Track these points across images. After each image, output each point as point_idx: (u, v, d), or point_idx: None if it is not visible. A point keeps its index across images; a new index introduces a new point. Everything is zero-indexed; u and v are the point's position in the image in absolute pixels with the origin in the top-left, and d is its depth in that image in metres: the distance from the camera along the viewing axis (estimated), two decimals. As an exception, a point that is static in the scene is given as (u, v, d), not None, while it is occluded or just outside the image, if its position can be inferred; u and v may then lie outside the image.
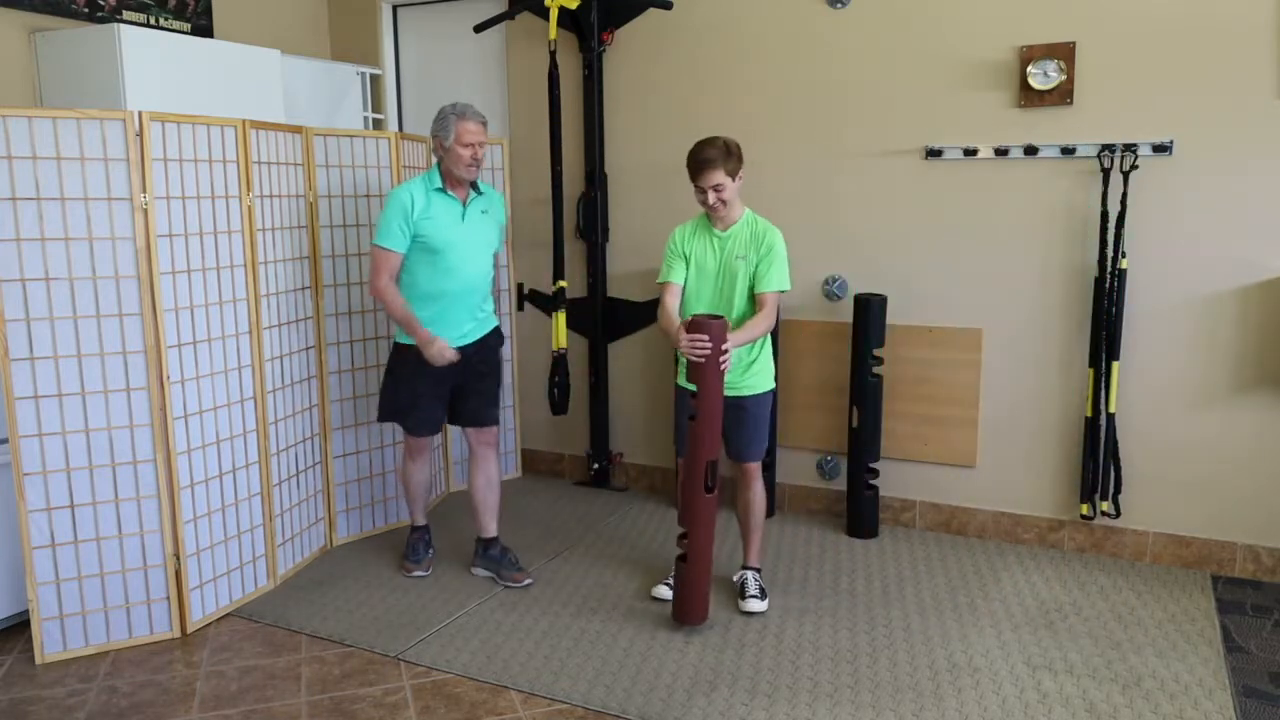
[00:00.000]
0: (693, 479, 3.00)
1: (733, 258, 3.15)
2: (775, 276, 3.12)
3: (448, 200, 3.35)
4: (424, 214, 3.29)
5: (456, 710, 2.72)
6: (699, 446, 2.98)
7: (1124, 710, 2.65)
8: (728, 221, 3.18)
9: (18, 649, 3.11)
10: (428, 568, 3.64)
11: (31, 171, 2.85)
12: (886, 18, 3.81)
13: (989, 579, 3.52)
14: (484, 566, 3.61)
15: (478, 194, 3.44)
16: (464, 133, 3.27)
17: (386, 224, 3.29)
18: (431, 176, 3.35)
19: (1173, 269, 3.50)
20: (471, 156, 3.30)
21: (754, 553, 3.39)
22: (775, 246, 3.13)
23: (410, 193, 3.30)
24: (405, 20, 4.98)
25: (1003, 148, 3.66)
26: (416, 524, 3.74)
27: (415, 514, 3.73)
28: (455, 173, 3.32)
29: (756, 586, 3.33)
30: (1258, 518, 3.49)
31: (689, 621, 3.13)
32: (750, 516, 3.34)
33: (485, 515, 3.60)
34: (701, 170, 3.07)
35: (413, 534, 3.73)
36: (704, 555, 3.05)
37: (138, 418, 3.06)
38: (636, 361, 4.52)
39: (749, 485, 3.30)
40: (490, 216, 3.48)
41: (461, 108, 3.32)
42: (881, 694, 2.76)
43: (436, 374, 3.39)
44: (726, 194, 3.08)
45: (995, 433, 3.85)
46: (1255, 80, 3.30)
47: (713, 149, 3.06)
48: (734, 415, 3.19)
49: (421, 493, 3.70)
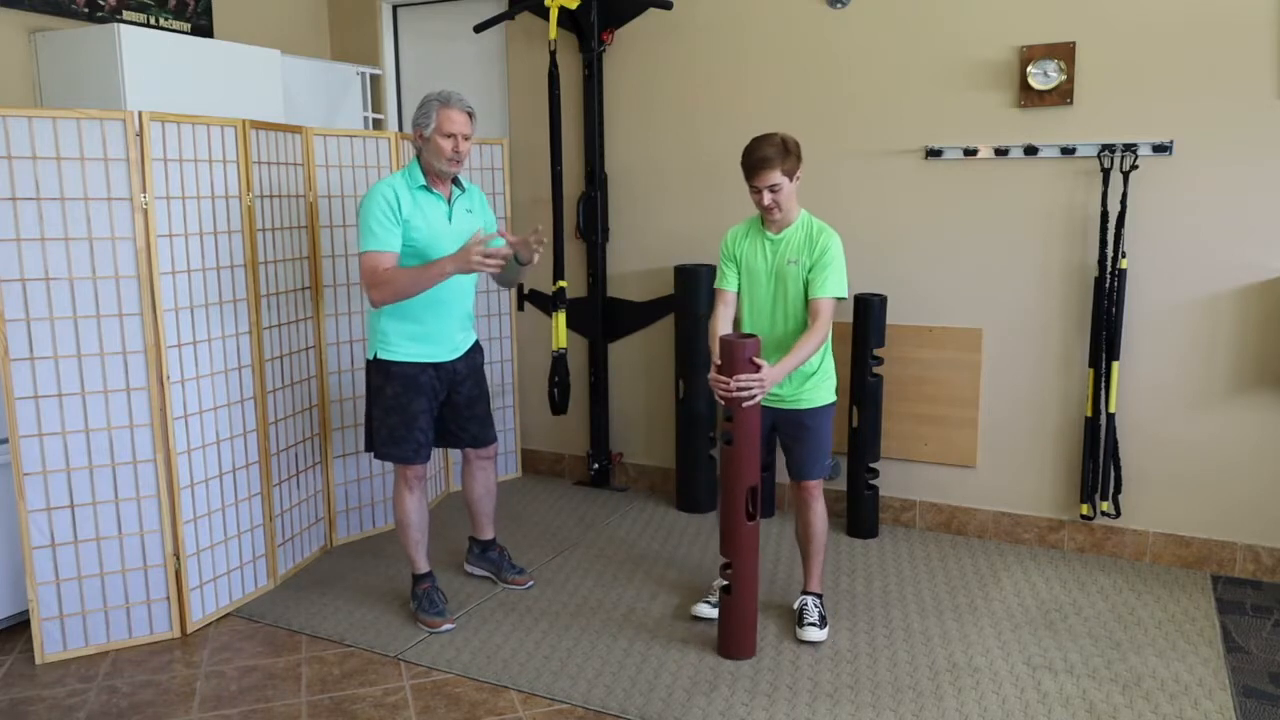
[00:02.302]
0: (733, 508, 2.84)
1: (784, 262, 2.95)
2: (831, 282, 2.88)
3: (432, 199, 3.06)
4: (409, 214, 2.99)
5: (456, 710, 2.72)
6: (737, 473, 2.83)
7: (1124, 710, 2.65)
8: (782, 224, 2.97)
9: (18, 649, 3.11)
10: (453, 621, 3.21)
11: (31, 171, 2.85)
12: (886, 18, 3.81)
13: (989, 579, 3.52)
14: (482, 567, 3.57)
15: (461, 191, 3.16)
16: (446, 121, 2.96)
17: (369, 226, 2.94)
18: (412, 172, 3.05)
19: (1173, 269, 3.50)
20: (453, 149, 2.99)
21: (815, 578, 3.16)
22: (830, 249, 2.90)
23: (393, 188, 2.98)
24: (405, 20, 4.98)
25: (1003, 148, 3.66)
26: (419, 571, 3.27)
27: (417, 560, 3.26)
28: (436, 166, 3.01)
29: (817, 614, 3.08)
30: (1258, 518, 3.49)
31: (737, 655, 2.95)
32: (811, 540, 3.12)
33: (483, 520, 3.53)
34: (757, 169, 2.84)
35: (419, 584, 3.26)
36: (750, 585, 2.91)
37: (138, 418, 3.06)
38: (636, 361, 4.52)
39: (809, 505, 3.08)
40: (475, 216, 3.18)
41: (446, 94, 3.01)
42: (881, 694, 2.76)
43: (428, 391, 3.11)
44: (783, 195, 2.87)
45: (995, 433, 3.85)
46: (1255, 80, 3.30)
47: (770, 146, 2.83)
48: (792, 431, 3.03)
49: (422, 534, 3.25)
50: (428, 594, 3.24)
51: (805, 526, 3.13)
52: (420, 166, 3.06)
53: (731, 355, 2.77)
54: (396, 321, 3.06)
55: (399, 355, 3.08)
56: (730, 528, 2.89)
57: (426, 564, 3.29)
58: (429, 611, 3.21)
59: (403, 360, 3.08)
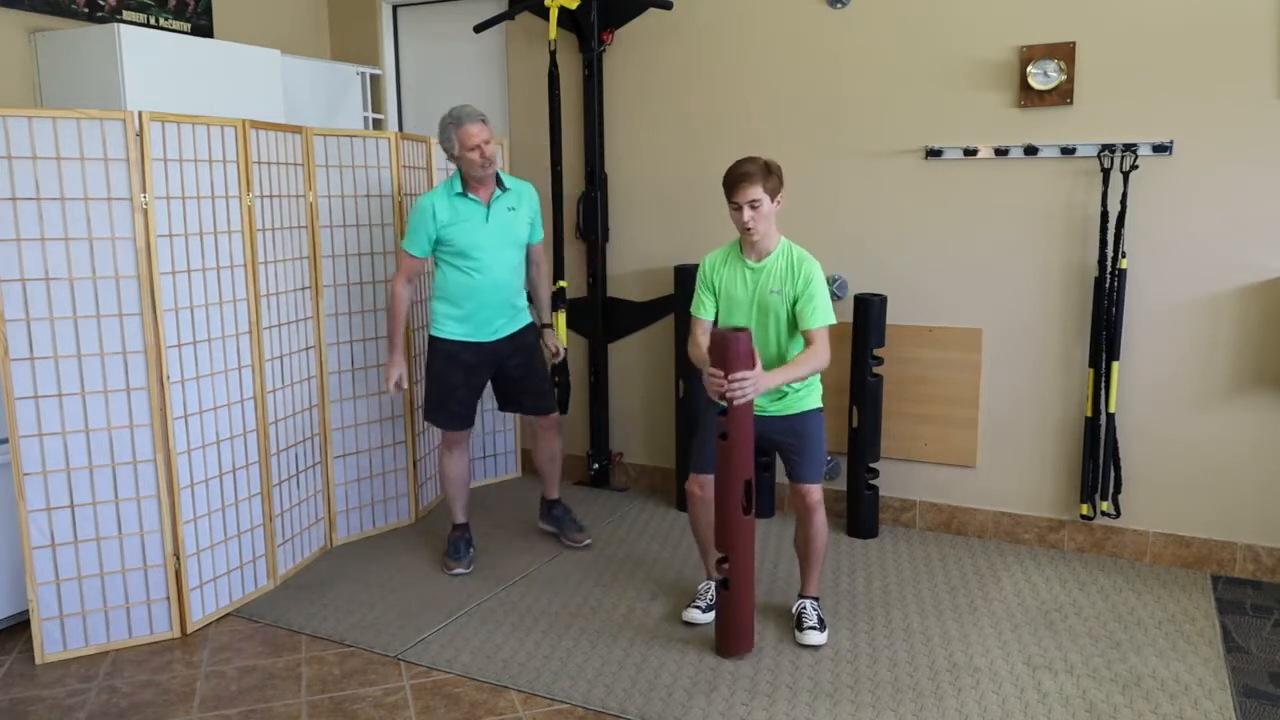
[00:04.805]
0: (729, 501, 2.83)
1: (766, 291, 2.96)
2: (821, 311, 2.91)
3: (470, 204, 3.46)
4: (448, 220, 3.42)
5: (456, 710, 2.72)
6: (732, 467, 2.81)
7: (1124, 710, 2.65)
8: (761, 251, 2.98)
9: (18, 649, 3.11)
10: (469, 565, 3.65)
11: (31, 171, 2.85)
12: (886, 18, 3.81)
13: (989, 579, 3.52)
14: (548, 524, 3.96)
15: (503, 191, 3.52)
16: (465, 137, 3.36)
17: (410, 230, 3.48)
18: (453, 182, 3.48)
19: (1173, 269, 3.50)
20: (480, 157, 3.37)
21: (813, 583, 3.16)
22: (814, 278, 2.92)
23: (433, 202, 3.44)
24: (405, 20, 4.98)
25: (1003, 148, 3.66)
26: (457, 521, 3.76)
27: (456, 511, 3.75)
28: (472, 175, 3.43)
29: (816, 617, 3.09)
30: (1258, 518, 3.49)
31: (734, 652, 2.94)
32: (811, 554, 3.09)
33: (549, 482, 3.92)
34: (738, 185, 2.88)
35: (454, 531, 3.75)
36: (746, 580, 2.88)
37: (138, 418, 3.06)
38: (636, 361, 4.52)
39: (809, 518, 3.02)
40: (519, 213, 3.56)
41: (456, 113, 3.39)
42: (881, 694, 2.76)
43: (469, 366, 3.54)
44: (763, 213, 2.89)
45: (995, 433, 3.85)
46: (1255, 80, 3.30)
47: (752, 164, 2.89)
48: (788, 439, 3.03)
49: (461, 489, 3.73)
50: (455, 542, 3.72)
51: (806, 541, 3.09)
52: (460, 176, 3.48)
53: (726, 349, 2.75)
54: (444, 305, 3.54)
55: (443, 333, 3.54)
56: (726, 522, 2.86)
57: (463, 516, 3.76)
58: (450, 556, 3.69)
59: (445, 338, 3.54)
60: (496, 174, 3.50)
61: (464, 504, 3.76)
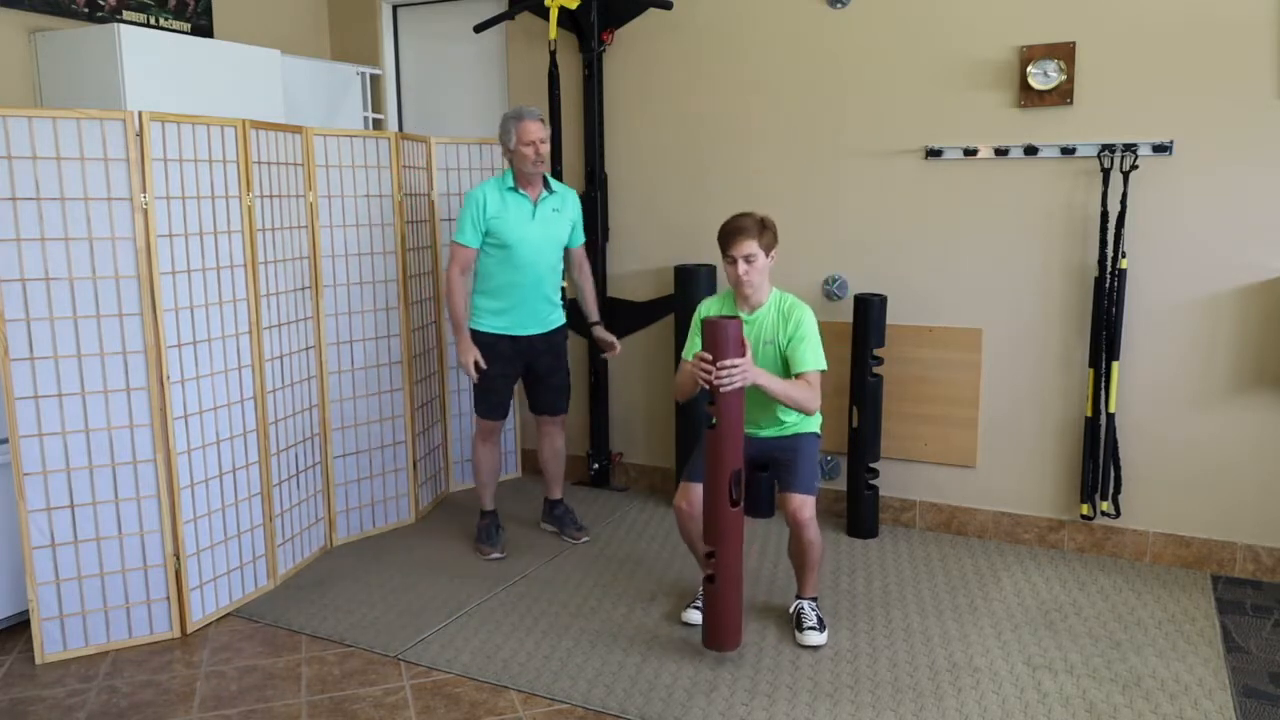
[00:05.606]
0: (717, 493, 2.80)
1: (761, 343, 3.01)
2: (810, 355, 2.95)
3: (519, 199, 3.60)
4: (496, 213, 3.57)
5: (456, 710, 2.72)
6: (720, 457, 2.78)
7: (1124, 710, 2.65)
8: (754, 303, 3.03)
9: (18, 649, 3.11)
10: (503, 550, 3.79)
11: (31, 171, 2.85)
12: (886, 18, 3.81)
13: (989, 579, 3.52)
14: (549, 523, 4.04)
15: (550, 193, 3.67)
16: (525, 132, 3.51)
17: (461, 221, 3.60)
18: (505, 177, 3.62)
19: (1173, 269, 3.50)
20: (535, 153, 3.52)
21: (810, 586, 3.14)
22: (804, 323, 2.97)
23: (484, 192, 3.59)
24: (405, 20, 4.98)
25: (1003, 148, 3.66)
26: (486, 509, 3.92)
27: (485, 499, 3.92)
28: (524, 170, 3.57)
29: (815, 617, 3.07)
30: (1258, 518, 3.49)
31: (722, 647, 2.91)
32: (805, 564, 3.08)
33: (552, 481, 4.03)
34: (733, 237, 2.94)
35: (483, 519, 3.91)
36: (734, 574, 2.84)
37: (138, 418, 3.06)
38: (636, 361, 4.52)
39: (801, 534, 2.97)
40: (562, 214, 3.71)
41: (518, 110, 3.57)
42: (881, 694, 2.76)
43: (505, 357, 3.68)
44: (757, 267, 2.95)
45: (995, 433, 3.85)
46: (1255, 80, 3.30)
47: (747, 219, 2.96)
48: (783, 454, 3.06)
49: (491, 478, 3.90)
50: (485, 528, 3.88)
51: (799, 554, 3.07)
52: (513, 173, 3.61)
53: (717, 336, 2.74)
54: (484, 299, 3.69)
55: (483, 326, 3.68)
56: (714, 514, 2.83)
57: (491, 503, 3.93)
58: (483, 541, 3.84)
59: (485, 330, 3.68)
60: (544, 177, 3.65)
61: (493, 492, 3.94)
